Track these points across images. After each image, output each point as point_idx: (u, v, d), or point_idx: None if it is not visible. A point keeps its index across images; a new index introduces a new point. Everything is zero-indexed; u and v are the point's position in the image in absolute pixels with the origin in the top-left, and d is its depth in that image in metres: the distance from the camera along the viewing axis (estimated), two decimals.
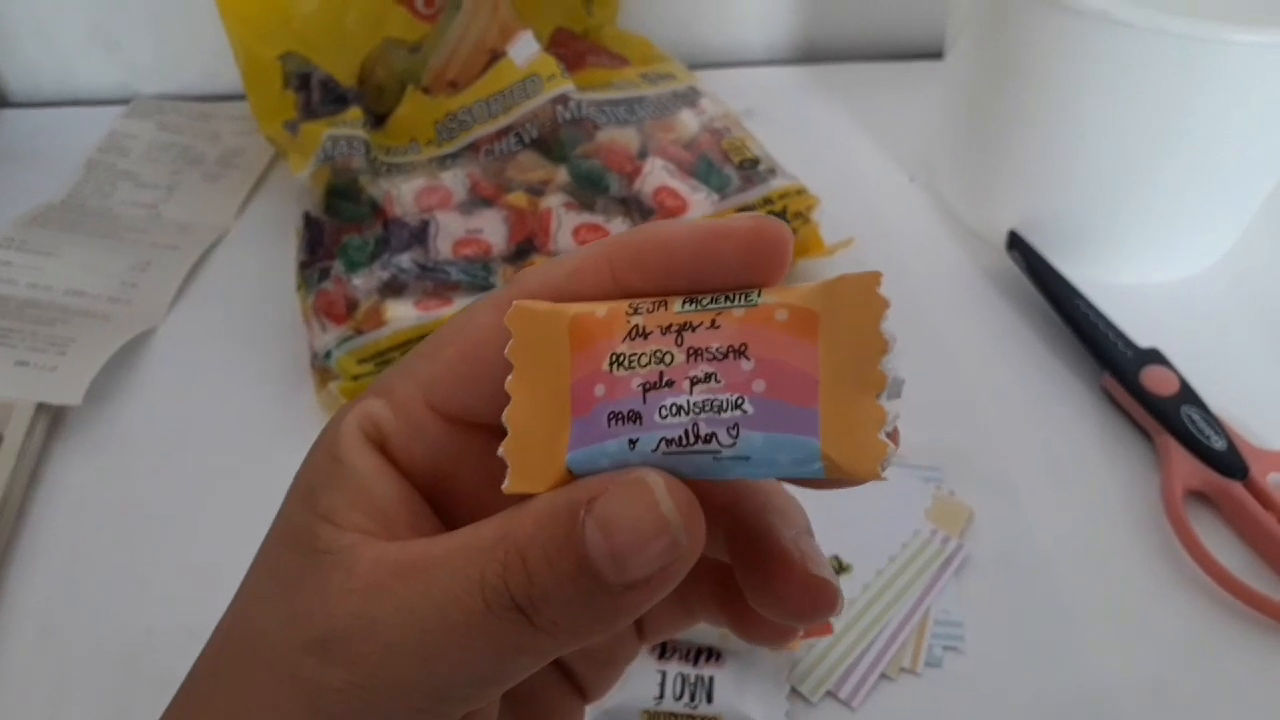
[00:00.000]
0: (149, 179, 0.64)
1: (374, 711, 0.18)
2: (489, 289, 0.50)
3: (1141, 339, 0.50)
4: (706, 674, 0.37)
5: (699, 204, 0.52)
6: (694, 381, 0.18)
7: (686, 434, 0.18)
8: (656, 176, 0.53)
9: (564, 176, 0.54)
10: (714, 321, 0.18)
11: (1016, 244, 0.56)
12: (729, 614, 0.23)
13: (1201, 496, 0.45)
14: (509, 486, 0.19)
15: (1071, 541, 0.44)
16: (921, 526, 0.44)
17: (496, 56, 0.58)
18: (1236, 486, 0.44)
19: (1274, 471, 0.45)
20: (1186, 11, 0.45)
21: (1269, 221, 0.58)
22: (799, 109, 0.70)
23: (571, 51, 0.63)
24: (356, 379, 0.47)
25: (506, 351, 0.19)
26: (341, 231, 0.52)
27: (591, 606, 0.17)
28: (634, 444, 0.18)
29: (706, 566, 0.23)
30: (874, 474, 0.17)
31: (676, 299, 0.19)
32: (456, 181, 0.55)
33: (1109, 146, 0.51)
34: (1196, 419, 0.46)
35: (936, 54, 0.62)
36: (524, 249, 0.52)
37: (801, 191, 0.54)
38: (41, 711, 0.39)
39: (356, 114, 0.57)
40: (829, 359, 0.17)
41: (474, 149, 0.57)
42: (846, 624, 0.40)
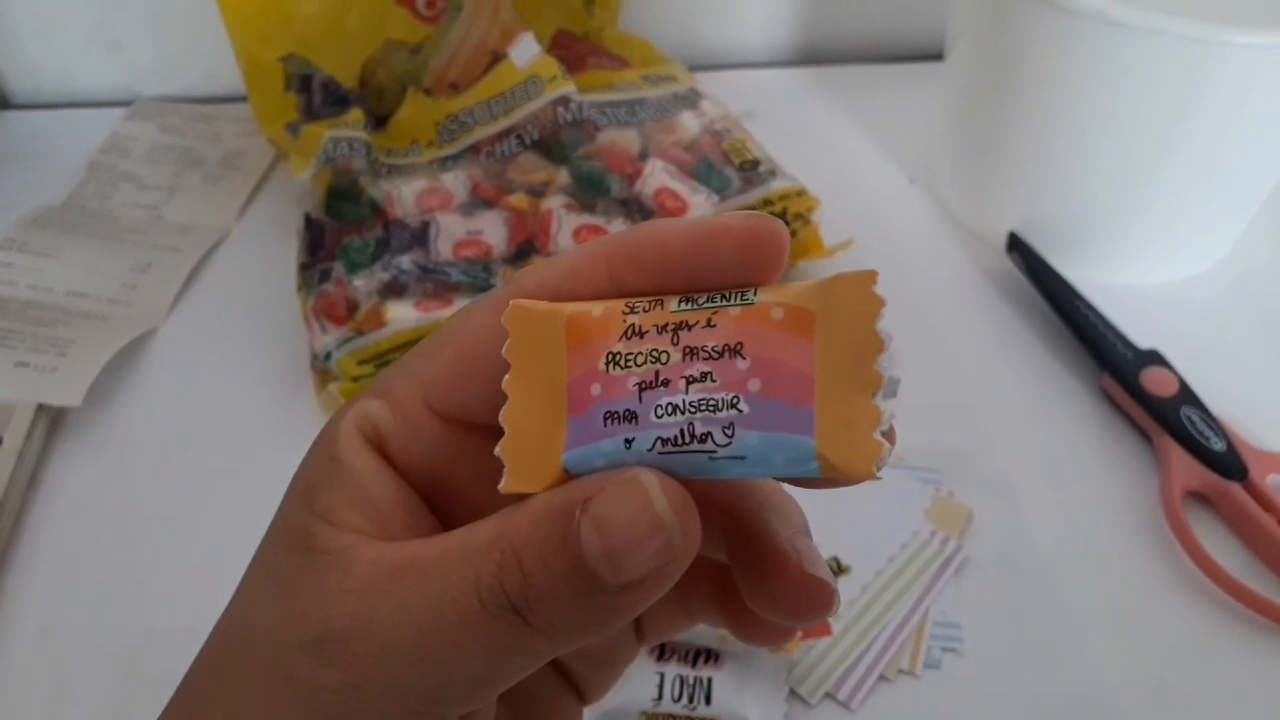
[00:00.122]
0: (150, 180, 0.64)
1: (370, 712, 0.18)
2: (489, 290, 0.50)
3: (1141, 340, 0.50)
4: (705, 675, 0.37)
5: (699, 205, 0.52)
6: (690, 381, 0.18)
7: (682, 433, 0.18)
8: (657, 178, 0.53)
9: (565, 178, 0.54)
10: (710, 320, 0.18)
11: (1016, 245, 0.56)
12: (727, 614, 0.23)
13: (1201, 498, 0.45)
14: (505, 486, 0.19)
15: (1070, 543, 0.44)
16: (920, 527, 0.44)
17: (498, 58, 0.58)
18: (1236, 488, 0.44)
19: (1273, 473, 0.45)
20: (1186, 13, 0.45)
21: (1268, 222, 0.58)
22: (799, 111, 0.70)
23: (572, 53, 0.63)
24: (356, 380, 0.47)
25: (504, 351, 0.19)
26: (342, 233, 0.52)
27: (587, 607, 0.17)
28: (630, 443, 0.18)
29: (705, 566, 0.23)
30: (869, 474, 0.17)
31: (673, 298, 0.19)
32: (457, 183, 0.55)
33: (1108, 148, 0.51)
34: (1196, 420, 0.46)
35: (937, 56, 0.62)
36: (524, 250, 0.52)
37: (802, 193, 0.54)
38: (41, 711, 0.39)
39: (358, 116, 0.57)
40: (825, 358, 0.17)
41: (475, 150, 0.57)
42: (845, 625, 0.40)
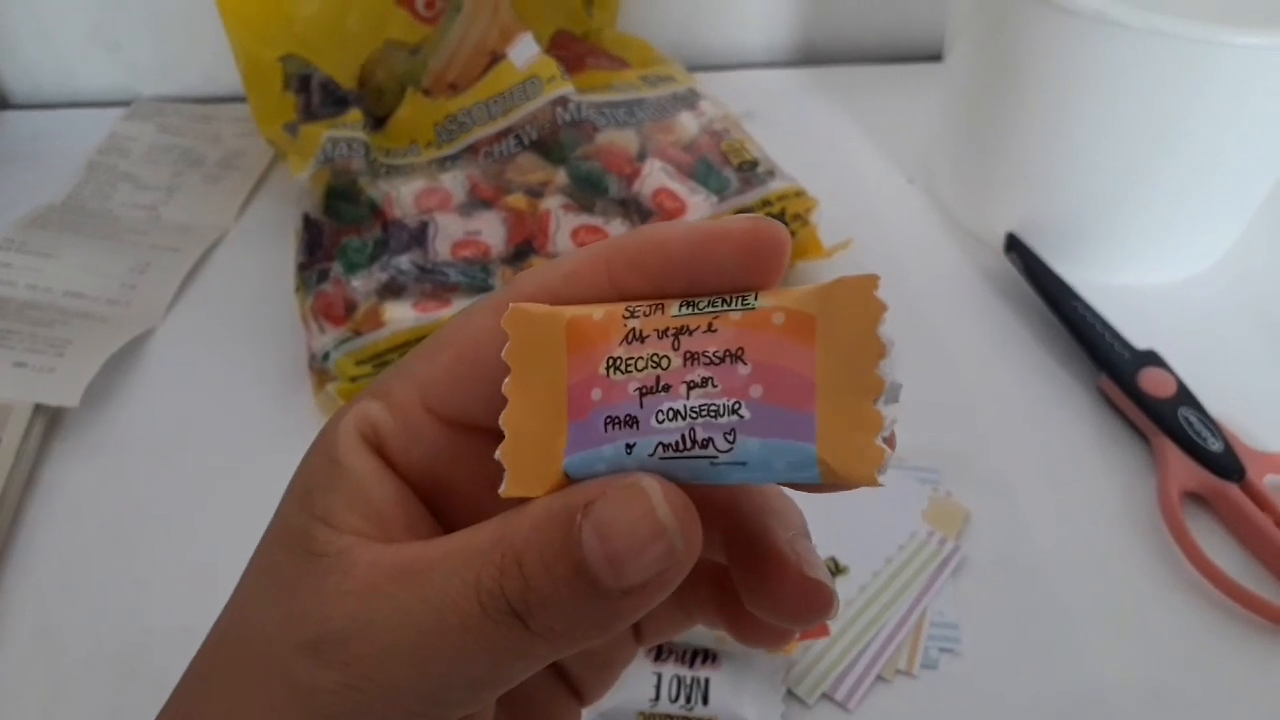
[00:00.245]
0: (149, 181, 0.64)
1: (369, 713, 0.18)
2: (488, 290, 0.50)
3: (1139, 341, 0.50)
4: (702, 676, 0.37)
5: (698, 206, 0.52)
6: (690, 386, 0.18)
7: (683, 439, 0.18)
8: (655, 178, 0.53)
9: (563, 178, 0.54)
10: (711, 325, 0.18)
11: (1014, 246, 0.56)
12: (725, 616, 0.23)
13: (1198, 498, 0.45)
14: (506, 490, 0.19)
15: (1068, 543, 0.44)
16: (918, 528, 0.44)
17: (496, 59, 0.58)
18: (1233, 488, 0.44)
19: (1270, 473, 0.45)
20: (1184, 13, 0.45)
21: (1267, 223, 0.58)
22: (798, 111, 0.70)
23: (571, 54, 0.63)
24: (354, 380, 0.47)
25: (503, 354, 0.19)
26: (341, 233, 0.52)
27: (588, 611, 0.17)
28: (631, 449, 0.18)
29: (703, 568, 0.23)
30: (871, 480, 0.17)
31: (673, 302, 0.19)
32: (456, 183, 0.55)
33: (1107, 148, 0.51)
34: (1193, 421, 0.46)
35: (935, 56, 0.62)
36: (523, 250, 0.52)
37: (800, 193, 0.54)
38: (38, 711, 0.39)
39: (356, 116, 0.57)
40: (826, 363, 0.17)
41: (473, 151, 0.57)
42: (843, 626, 0.40)
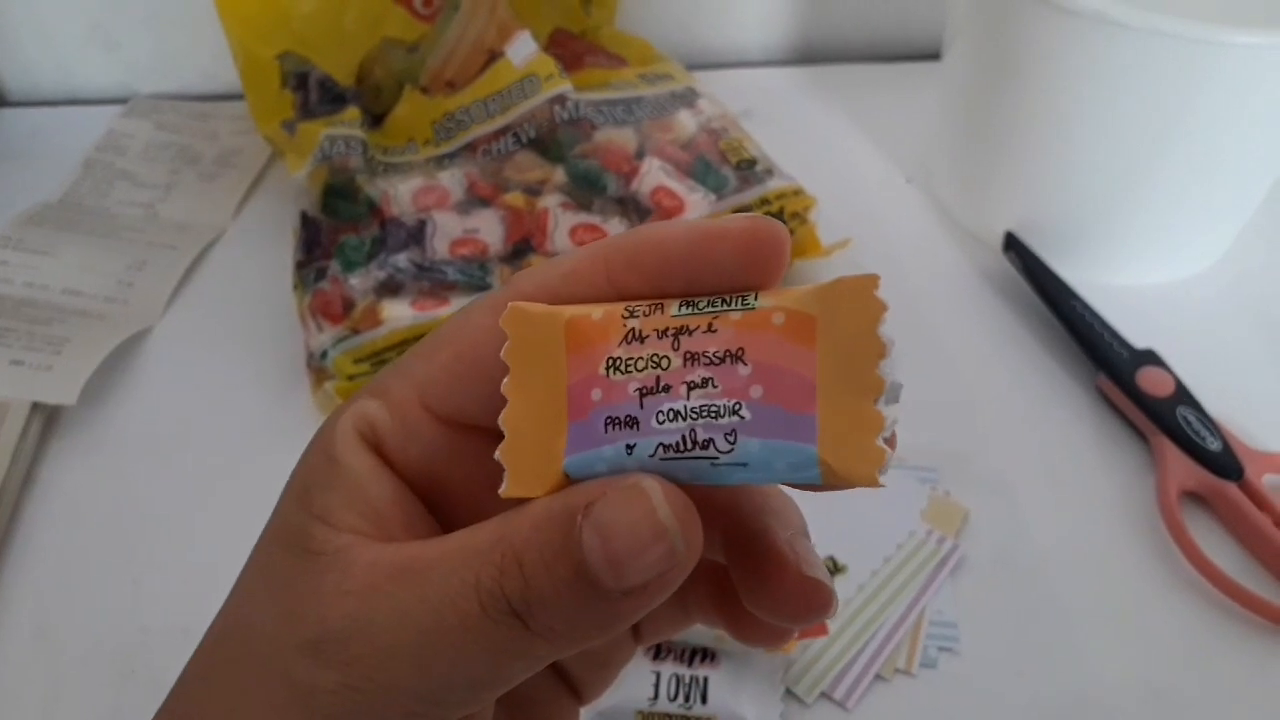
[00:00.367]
0: (146, 178, 0.64)
1: (368, 713, 0.18)
2: (486, 289, 0.50)
3: (1137, 340, 0.50)
4: (701, 675, 0.37)
5: (696, 204, 0.52)
6: (691, 386, 0.18)
7: (684, 439, 0.17)
8: (654, 177, 0.53)
9: (561, 176, 0.54)
10: (710, 325, 0.18)
11: (1013, 245, 0.56)
12: (724, 615, 0.23)
13: (1197, 498, 0.45)
14: (506, 490, 0.18)
15: (1067, 542, 0.44)
16: (917, 527, 0.44)
17: (494, 57, 0.58)
18: (1232, 488, 0.44)
19: (1269, 473, 0.45)
20: (1184, 13, 0.45)
21: (1266, 223, 0.58)
22: (797, 110, 0.70)
23: (569, 52, 0.63)
24: (352, 379, 0.47)
25: (502, 353, 0.19)
26: (338, 231, 0.52)
27: (588, 612, 0.17)
28: (631, 449, 0.18)
29: (703, 567, 0.23)
30: (872, 480, 0.17)
31: (673, 302, 0.19)
32: (454, 181, 0.55)
33: (1106, 148, 0.51)
34: (1192, 420, 0.46)
35: (934, 55, 0.62)
36: (521, 249, 0.52)
37: (799, 192, 0.54)
38: (36, 710, 0.39)
39: (354, 114, 0.57)
40: (826, 363, 0.17)
41: (471, 149, 0.57)
42: (841, 625, 0.40)
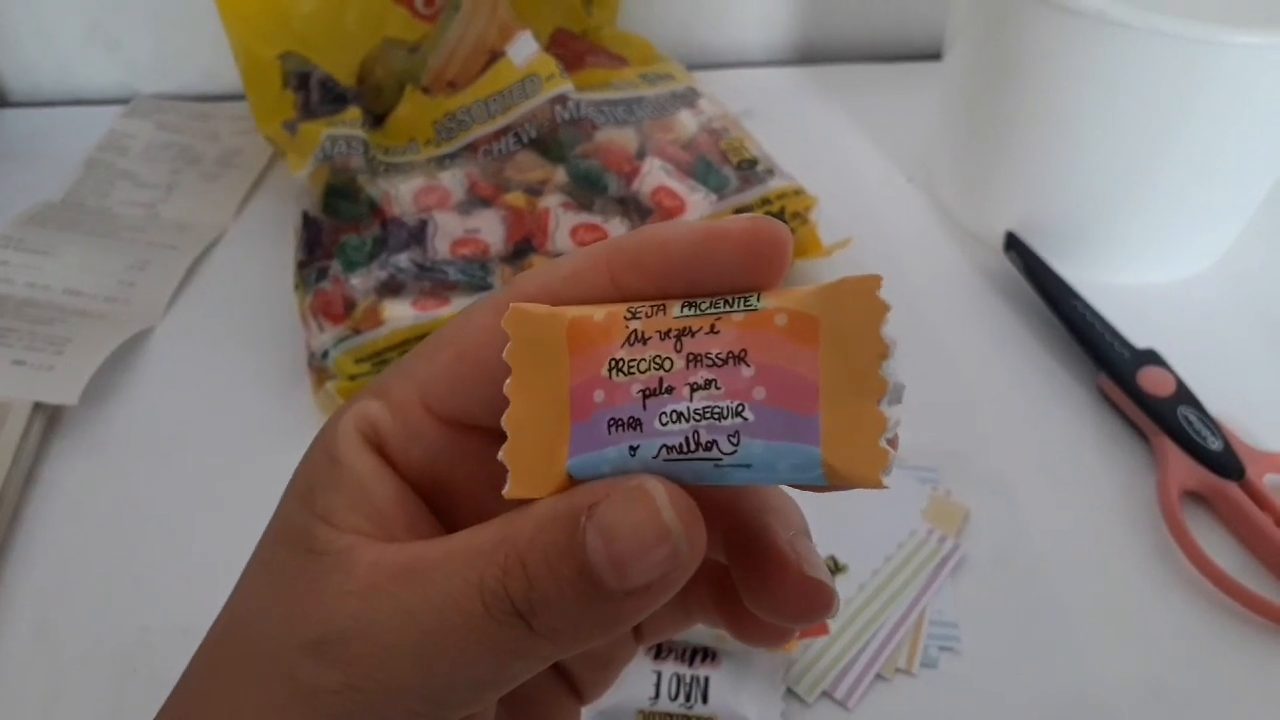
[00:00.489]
0: (148, 178, 0.64)
1: (371, 713, 0.18)
2: (487, 289, 0.50)
3: (1138, 340, 0.50)
4: (702, 674, 0.37)
5: (697, 204, 0.52)
6: (694, 388, 0.18)
7: (687, 441, 0.17)
8: (655, 177, 0.53)
9: (562, 176, 0.54)
10: (713, 327, 0.18)
11: (1014, 244, 0.56)
12: (725, 615, 0.23)
13: (1198, 497, 0.45)
14: (509, 491, 0.18)
15: (1068, 542, 0.44)
16: (918, 527, 0.44)
17: (495, 57, 0.58)
18: (1233, 487, 0.44)
19: (1270, 472, 0.45)
20: (1185, 13, 0.45)
21: (1266, 223, 0.58)
22: (797, 110, 0.70)
23: (570, 52, 0.63)
24: (353, 379, 0.47)
25: (504, 354, 0.19)
26: (340, 231, 0.52)
27: (591, 612, 0.17)
28: (634, 451, 0.18)
29: (704, 567, 0.23)
30: (876, 482, 0.17)
31: (675, 303, 0.19)
32: (455, 181, 0.55)
33: (1106, 147, 0.51)
34: (1193, 420, 0.46)
35: (935, 55, 0.62)
36: (522, 249, 0.52)
37: (799, 192, 0.54)
38: (36, 709, 0.39)
39: (355, 114, 0.57)
40: (829, 364, 0.17)
41: (472, 149, 0.57)
42: (842, 624, 0.40)
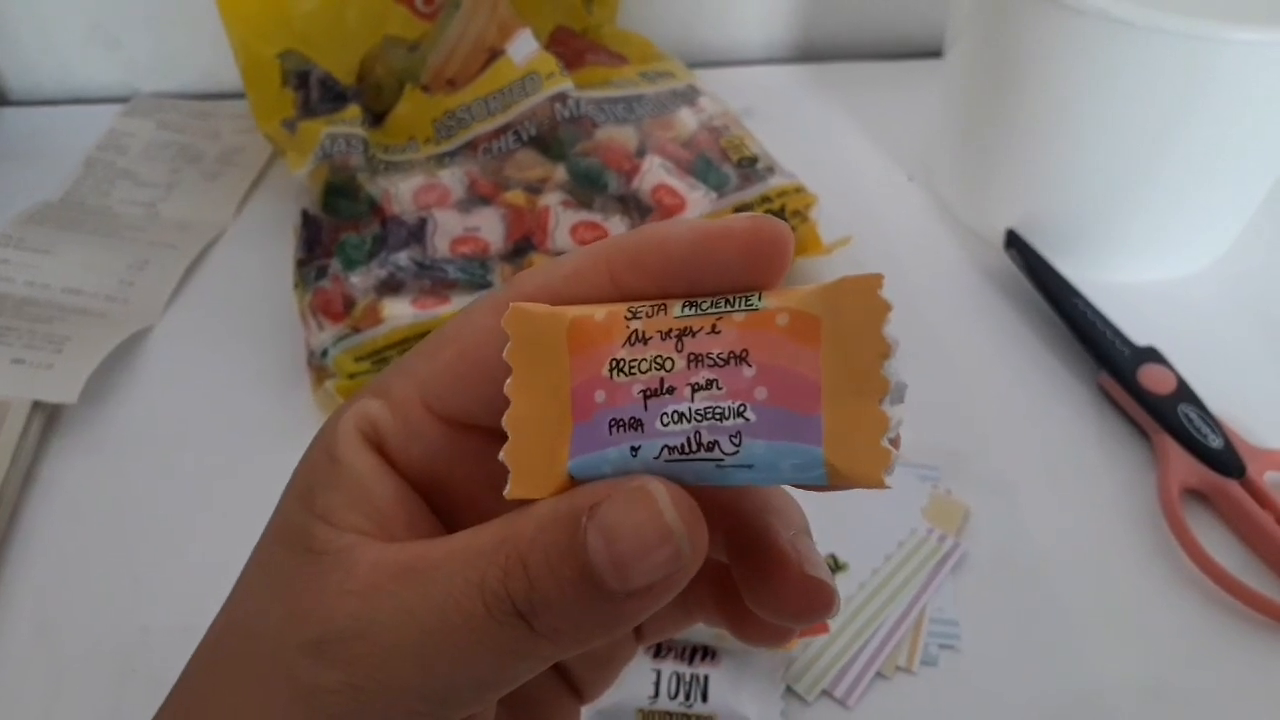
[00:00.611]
0: (148, 177, 0.64)
1: (371, 713, 0.18)
2: (487, 287, 0.49)
3: (1139, 337, 0.50)
4: (702, 673, 0.37)
5: (697, 202, 0.52)
6: (695, 388, 0.18)
7: (689, 441, 0.17)
8: (655, 174, 0.53)
9: (562, 174, 0.54)
10: (714, 326, 0.18)
11: (1014, 242, 0.56)
12: (726, 615, 0.23)
13: (1198, 495, 0.45)
14: (511, 492, 0.18)
15: (1068, 540, 0.44)
16: (918, 525, 0.44)
17: (495, 55, 0.58)
18: (1234, 485, 0.44)
19: (1271, 470, 0.45)
20: (1186, 10, 0.45)
21: (1267, 220, 0.58)
22: (798, 108, 0.70)
23: (571, 50, 0.63)
24: (353, 377, 0.47)
25: (505, 354, 0.19)
26: (339, 229, 0.52)
27: (592, 613, 0.17)
28: (636, 451, 0.18)
29: (705, 567, 0.23)
30: (879, 482, 0.17)
31: (676, 302, 0.19)
32: (454, 179, 0.55)
33: (1107, 145, 0.51)
34: (1194, 417, 0.46)
35: (936, 53, 0.62)
36: (522, 247, 0.52)
37: (800, 190, 0.54)
38: (36, 708, 0.39)
39: (355, 112, 0.57)
40: (831, 364, 0.17)
41: (472, 147, 0.57)
42: (842, 623, 0.40)
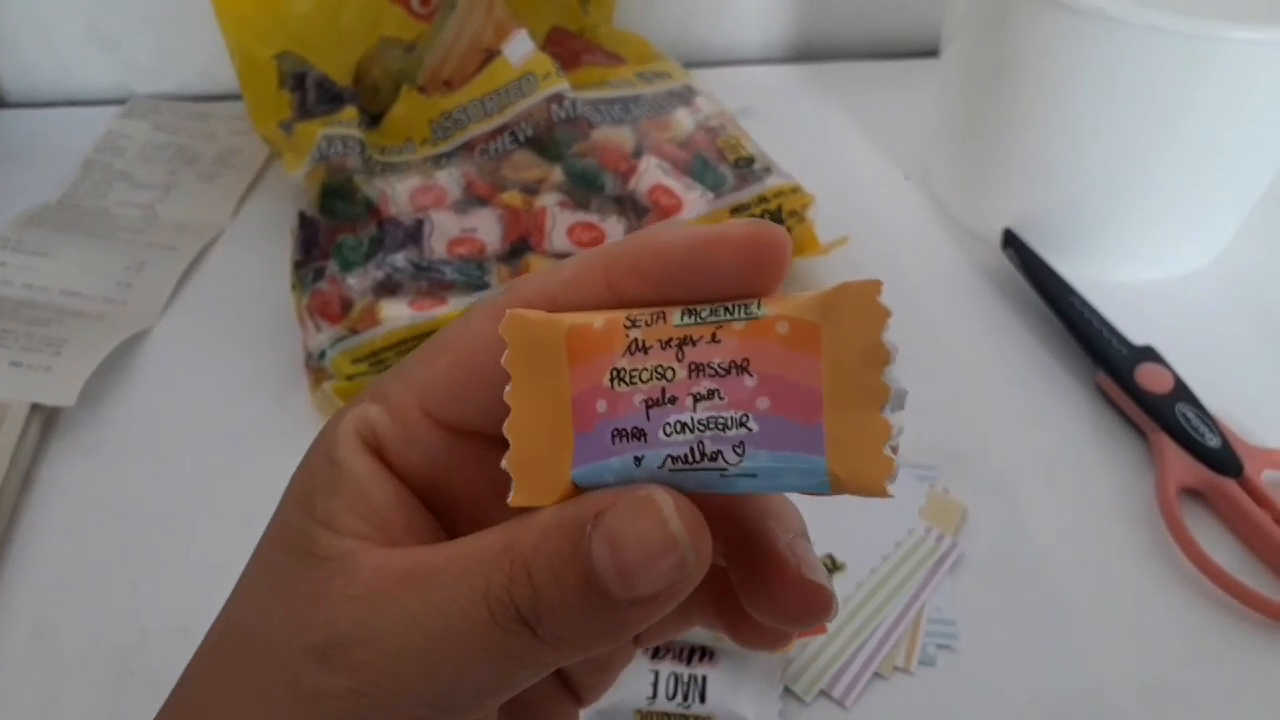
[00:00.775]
0: (145, 179, 0.64)
1: (374, 718, 0.18)
2: (483, 288, 0.50)
3: (1136, 336, 0.50)
4: (700, 673, 0.37)
5: (694, 202, 0.52)
6: (697, 398, 0.18)
7: (692, 452, 0.18)
8: (651, 175, 0.53)
9: (559, 175, 0.54)
10: (714, 335, 0.18)
11: (1011, 242, 0.56)
12: (724, 618, 0.23)
13: (1196, 494, 0.45)
14: (514, 499, 0.18)
15: (1066, 539, 0.44)
16: (916, 524, 0.44)
17: (491, 55, 0.58)
18: (1231, 484, 0.44)
19: (1268, 469, 0.45)
20: (1183, 9, 0.45)
21: (1264, 219, 0.58)
22: (795, 107, 0.70)
23: (567, 50, 0.63)
24: (351, 379, 0.47)
25: (503, 361, 0.19)
26: (336, 231, 0.52)
27: (596, 620, 0.17)
28: (639, 461, 0.18)
29: None
30: (881, 490, 0.17)
31: (675, 310, 0.19)
32: (451, 180, 0.55)
33: (1104, 144, 0.51)
34: (1191, 416, 0.46)
35: (932, 52, 0.62)
36: (518, 248, 0.52)
37: (797, 190, 0.54)
38: (34, 710, 0.39)
39: (351, 113, 0.57)
40: (832, 372, 0.17)
41: (469, 148, 0.56)
42: (840, 623, 0.40)
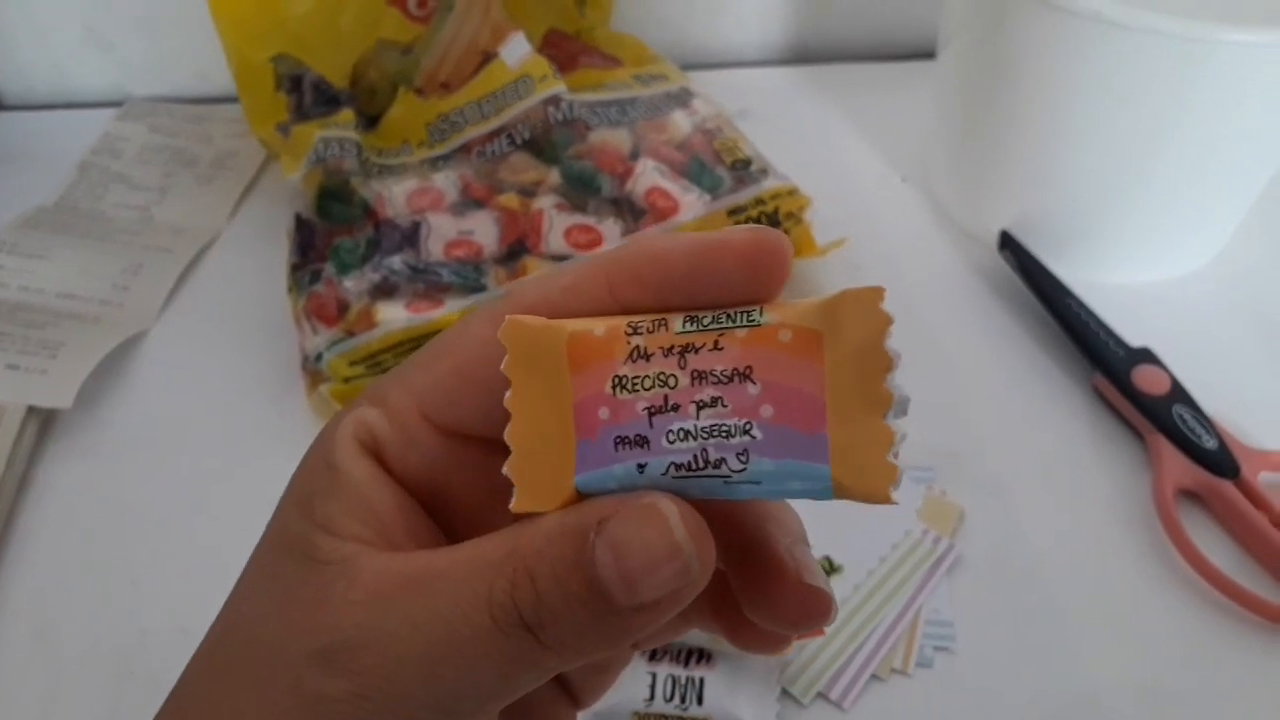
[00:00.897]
0: (141, 181, 0.64)
1: None
2: (480, 290, 0.49)
3: (1133, 338, 0.50)
4: (697, 675, 0.37)
5: (691, 205, 0.52)
6: (700, 406, 0.18)
7: (696, 459, 0.18)
8: (648, 177, 0.53)
9: (556, 178, 0.54)
10: (716, 343, 0.18)
11: (1008, 243, 0.56)
12: (723, 622, 0.23)
13: (1193, 496, 0.45)
14: (517, 505, 0.18)
15: (1063, 542, 0.44)
16: (913, 526, 0.44)
17: (488, 58, 0.58)
18: (1228, 486, 0.44)
19: (1265, 471, 0.45)
20: (1180, 11, 0.45)
21: (1261, 221, 0.58)
22: (792, 110, 0.70)
23: (564, 52, 0.63)
24: (348, 381, 0.47)
25: (503, 367, 0.19)
26: (333, 233, 0.52)
27: (599, 626, 0.17)
28: (643, 468, 0.18)
29: None
30: (885, 498, 0.17)
31: (676, 317, 0.19)
32: (448, 183, 0.55)
33: (1101, 146, 0.51)
34: (1188, 418, 0.46)
35: (929, 54, 0.62)
36: (515, 250, 0.52)
37: (794, 192, 0.54)
38: (34, 712, 0.39)
39: (348, 116, 0.57)
40: (835, 379, 0.17)
41: (466, 150, 0.56)
42: (837, 625, 0.40)
